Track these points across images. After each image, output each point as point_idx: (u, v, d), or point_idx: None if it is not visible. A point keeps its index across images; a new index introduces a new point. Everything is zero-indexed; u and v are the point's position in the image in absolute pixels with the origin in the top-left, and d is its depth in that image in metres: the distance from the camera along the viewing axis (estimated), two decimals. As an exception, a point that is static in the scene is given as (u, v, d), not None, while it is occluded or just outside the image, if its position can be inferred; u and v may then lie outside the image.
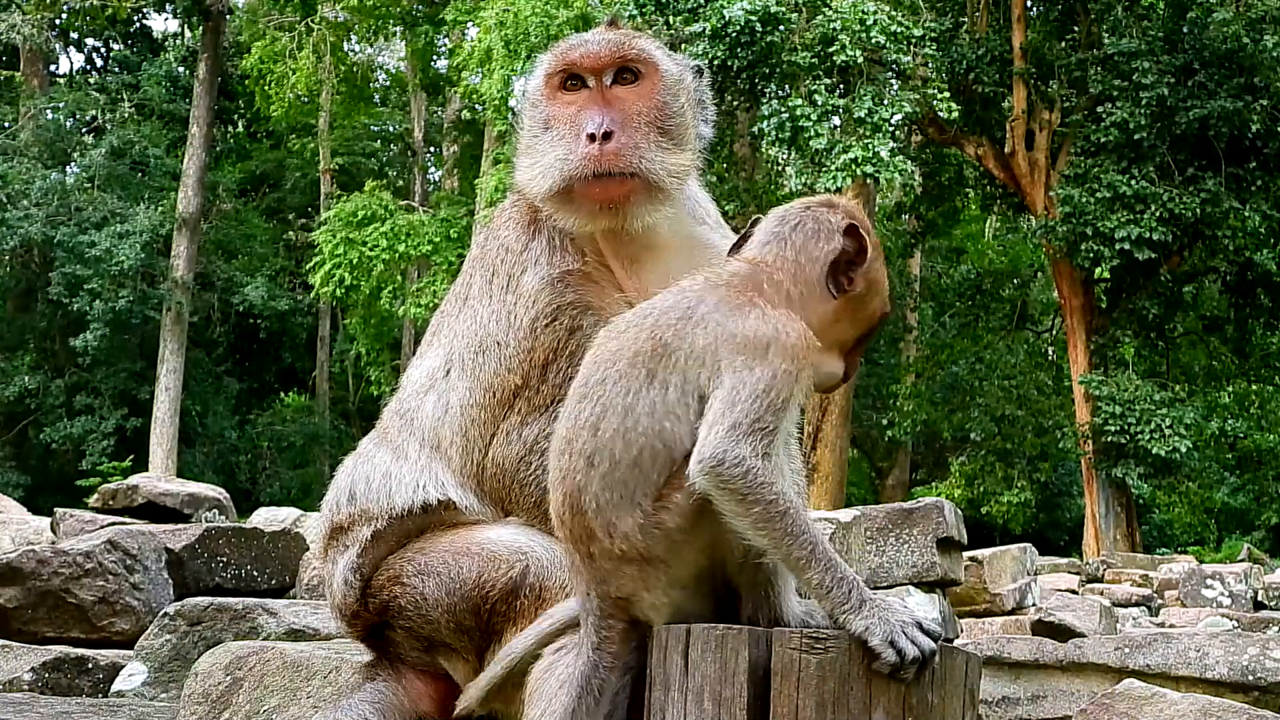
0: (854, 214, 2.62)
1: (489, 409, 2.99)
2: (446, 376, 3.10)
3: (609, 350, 2.50)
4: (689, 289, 2.53)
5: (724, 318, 2.44)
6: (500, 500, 2.99)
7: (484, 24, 29.49)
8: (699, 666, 2.34)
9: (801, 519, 2.32)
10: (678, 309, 2.48)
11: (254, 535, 7.56)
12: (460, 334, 3.12)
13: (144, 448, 33.36)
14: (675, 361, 2.42)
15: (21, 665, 5.86)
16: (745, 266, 2.57)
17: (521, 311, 3.02)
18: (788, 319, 2.45)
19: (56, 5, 36.94)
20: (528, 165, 3.03)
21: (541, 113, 3.04)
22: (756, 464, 2.31)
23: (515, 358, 2.99)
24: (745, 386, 2.36)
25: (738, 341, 2.40)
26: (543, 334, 2.98)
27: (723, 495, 2.32)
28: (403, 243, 31.78)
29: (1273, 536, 34.82)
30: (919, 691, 2.30)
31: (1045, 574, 16.55)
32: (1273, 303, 28.40)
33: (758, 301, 2.48)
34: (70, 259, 34.46)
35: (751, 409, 2.34)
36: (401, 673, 3.05)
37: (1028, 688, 7.78)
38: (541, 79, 3.06)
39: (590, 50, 3.02)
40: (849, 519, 8.85)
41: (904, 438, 33.17)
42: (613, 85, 2.99)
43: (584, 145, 2.91)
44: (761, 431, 2.33)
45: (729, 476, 2.31)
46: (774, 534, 2.32)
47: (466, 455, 3.01)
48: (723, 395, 2.37)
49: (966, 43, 28.43)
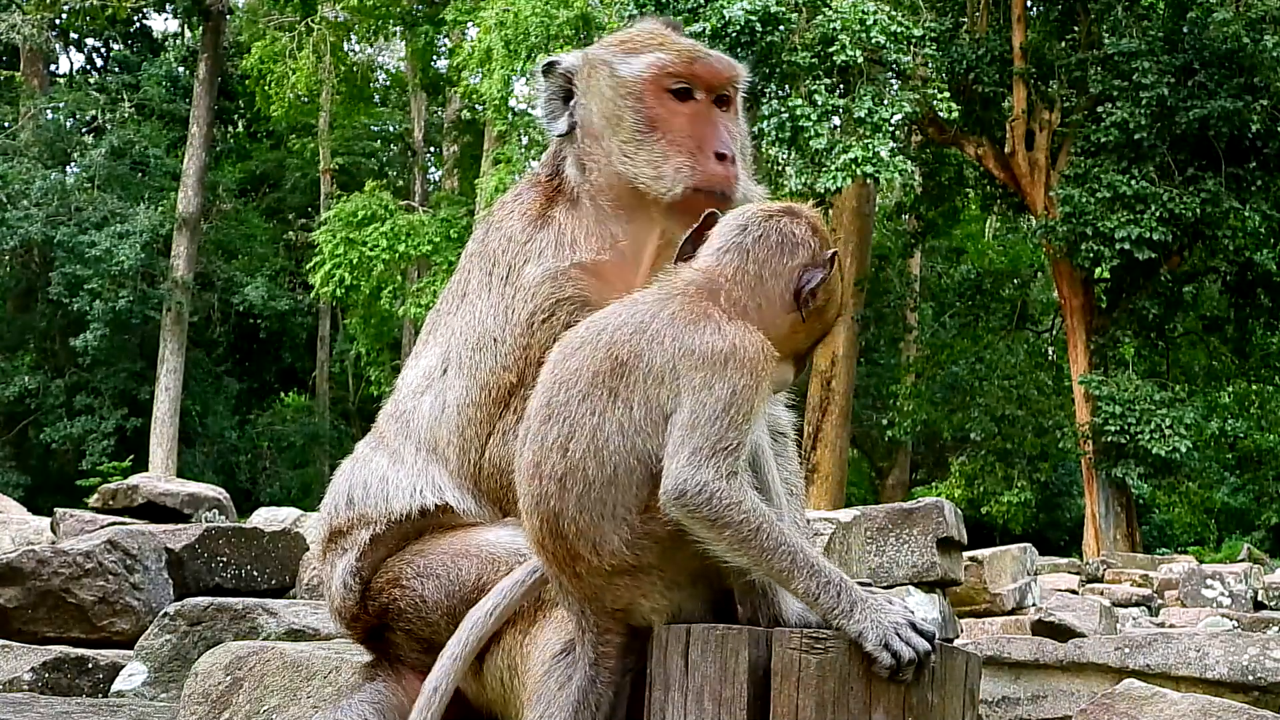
0: (816, 225, 2.56)
1: (485, 408, 2.98)
2: (444, 375, 3.08)
3: (568, 369, 2.44)
4: (642, 301, 2.48)
5: (679, 332, 2.39)
6: (497, 500, 2.98)
7: (484, 24, 29.49)
8: (699, 667, 2.34)
9: (776, 531, 2.30)
10: (631, 323, 2.43)
11: (254, 535, 7.56)
12: (458, 331, 3.10)
13: (144, 448, 33.37)
14: (635, 380, 2.38)
15: (21, 665, 5.86)
16: (701, 276, 2.50)
17: (520, 305, 2.99)
18: (745, 331, 2.40)
19: (56, 5, 36.93)
20: (639, 160, 3.00)
21: (646, 110, 3.02)
22: (720, 486, 2.28)
23: (511, 355, 2.98)
24: (704, 408, 2.32)
25: (695, 358, 2.36)
26: (539, 330, 2.96)
27: (693, 523, 2.30)
28: (403, 243, 31.78)
29: (1273, 536, 34.81)
30: (919, 691, 2.30)
31: (1045, 574, 16.54)
32: (1273, 303, 28.39)
33: (713, 313, 2.42)
34: (70, 259, 34.46)
35: (711, 431, 2.31)
36: (401, 673, 3.05)
37: (1028, 688, 7.77)
38: (649, 75, 3.03)
39: (713, 67, 3.06)
40: (849, 519, 8.84)
41: (904, 438, 33.15)
42: (712, 105, 3.07)
43: (714, 163, 2.98)
44: (724, 452, 2.30)
45: (695, 505, 2.28)
46: (750, 552, 2.30)
47: (463, 455, 3.00)
48: (682, 420, 2.33)
49: (966, 43, 28.42)
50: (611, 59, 3.07)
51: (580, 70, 3.11)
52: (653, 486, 2.36)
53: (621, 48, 3.10)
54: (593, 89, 3.07)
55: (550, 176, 3.16)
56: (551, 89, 3.13)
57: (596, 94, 3.06)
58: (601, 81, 3.06)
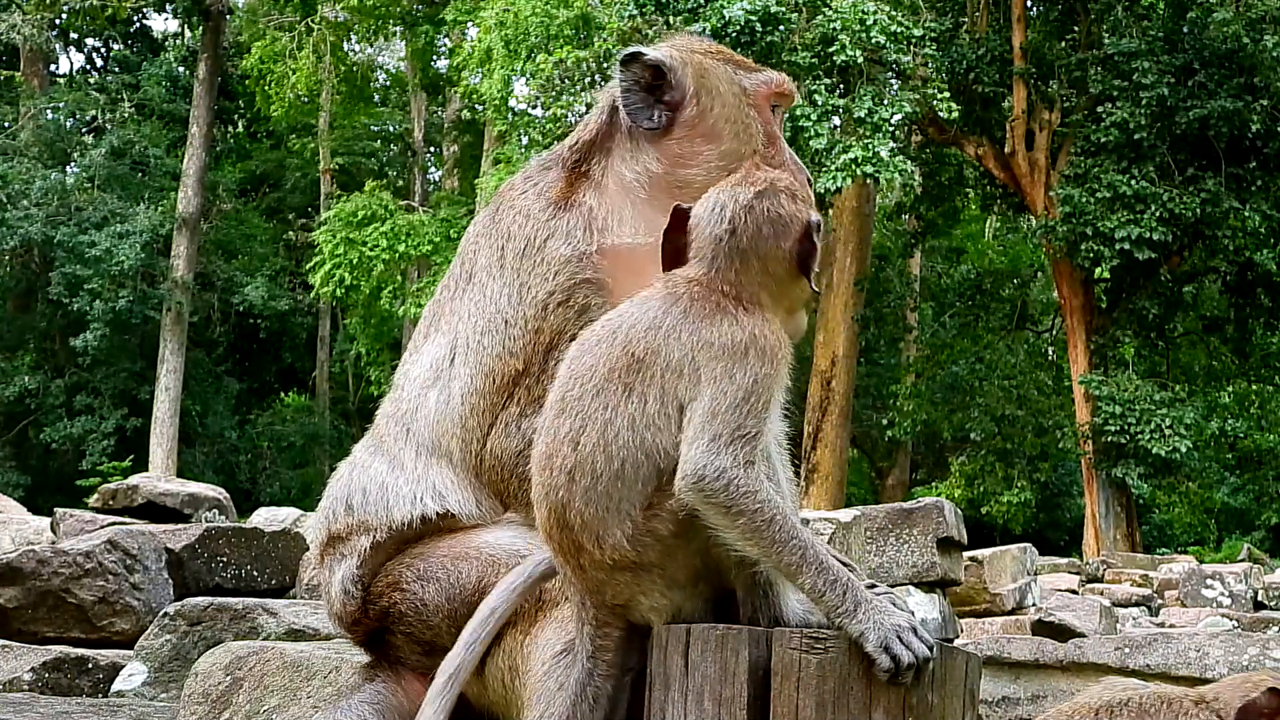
0: (791, 189, 2.56)
1: (488, 396, 2.95)
2: (451, 365, 3.03)
3: (584, 365, 2.47)
4: (652, 299, 2.49)
5: (696, 326, 2.41)
6: (499, 493, 2.96)
7: (484, 24, 29.49)
8: (699, 666, 2.34)
9: (790, 525, 2.31)
10: (645, 321, 2.44)
11: (254, 535, 7.56)
12: (465, 315, 3.05)
13: (144, 448, 33.37)
14: (652, 375, 2.39)
15: (21, 665, 5.86)
16: (705, 277, 2.49)
17: (537, 284, 2.95)
18: (762, 321, 2.42)
19: (56, 5, 36.92)
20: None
21: (762, 124, 3.14)
22: (738, 474, 2.29)
23: (520, 339, 2.94)
24: (725, 396, 2.33)
25: (715, 349, 2.38)
26: (554, 313, 2.93)
27: (708, 509, 2.31)
28: (403, 243, 31.79)
29: (1273, 536, 34.82)
30: (919, 692, 2.30)
31: (1045, 574, 16.55)
32: (1273, 303, 28.40)
33: (726, 305, 2.44)
34: (70, 259, 34.47)
35: (731, 418, 2.32)
36: (401, 674, 3.04)
37: (1028, 688, 7.77)
38: (766, 91, 3.17)
39: (792, 92, 3.25)
40: (849, 519, 8.85)
41: (904, 438, 33.16)
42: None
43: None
44: (743, 439, 2.31)
45: (712, 490, 2.29)
46: (762, 542, 2.30)
47: (466, 447, 2.97)
48: (702, 407, 2.34)
49: (966, 43, 28.43)
50: (726, 67, 3.13)
51: (681, 68, 3.08)
52: (658, 483, 2.37)
53: (722, 57, 3.16)
54: (711, 91, 3.08)
55: (578, 161, 3.12)
56: (637, 80, 3.07)
57: (718, 97, 3.08)
58: (723, 86, 3.09)
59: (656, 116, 3.06)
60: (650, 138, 3.07)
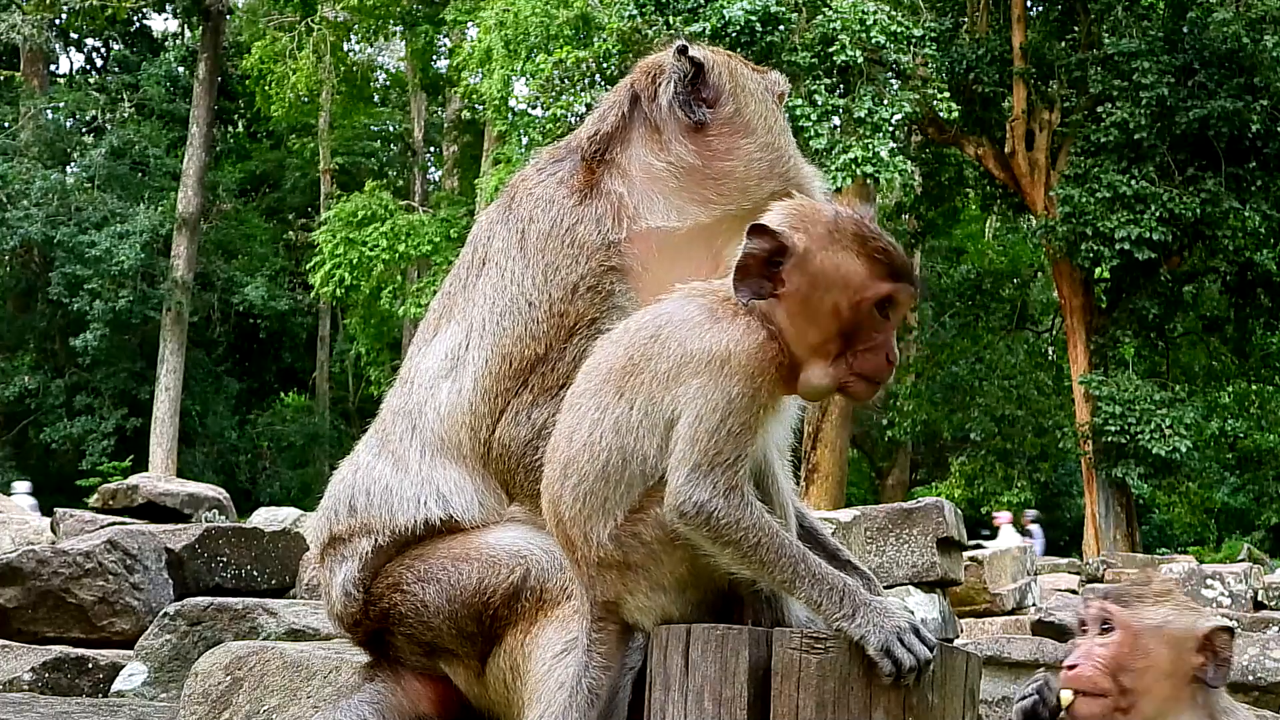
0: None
1: (502, 380, 2.92)
2: (467, 350, 3.00)
3: (594, 362, 2.49)
4: (665, 305, 2.48)
5: (685, 335, 2.38)
6: (504, 483, 2.94)
7: (484, 24, 29.50)
8: (699, 666, 2.34)
9: (777, 544, 2.30)
10: (649, 327, 2.44)
11: (254, 535, 7.56)
12: (481, 299, 3.01)
13: (144, 448, 33.38)
14: (641, 382, 2.39)
15: (21, 665, 5.86)
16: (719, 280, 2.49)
17: (567, 266, 2.93)
18: (745, 331, 2.37)
19: (56, 5, 36.93)
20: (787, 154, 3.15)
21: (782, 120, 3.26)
22: (719, 504, 2.29)
23: (544, 323, 2.92)
24: (700, 420, 2.32)
25: (694, 363, 2.35)
26: (583, 297, 2.92)
27: (694, 538, 2.33)
28: (403, 243, 31.80)
29: (1273, 536, 34.83)
30: (919, 692, 2.30)
31: (1045, 574, 16.54)
32: (1273, 303, 28.40)
33: (719, 313, 2.40)
34: (70, 259, 34.48)
35: (709, 445, 2.31)
36: (401, 674, 3.04)
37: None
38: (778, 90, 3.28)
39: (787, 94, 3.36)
40: (849, 519, 8.85)
41: (904, 438, 33.17)
42: None
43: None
44: (722, 466, 2.30)
45: (695, 524, 2.31)
46: (752, 565, 2.32)
47: (475, 435, 2.95)
48: (684, 432, 2.33)
49: (966, 43, 28.43)
50: (746, 67, 3.19)
51: (717, 68, 3.12)
52: (643, 488, 2.38)
53: (737, 59, 3.21)
54: (744, 88, 3.12)
55: (598, 151, 3.09)
56: (685, 73, 3.09)
57: (751, 95, 3.13)
58: (751, 84, 3.14)
59: (697, 110, 3.09)
60: (684, 129, 3.07)
